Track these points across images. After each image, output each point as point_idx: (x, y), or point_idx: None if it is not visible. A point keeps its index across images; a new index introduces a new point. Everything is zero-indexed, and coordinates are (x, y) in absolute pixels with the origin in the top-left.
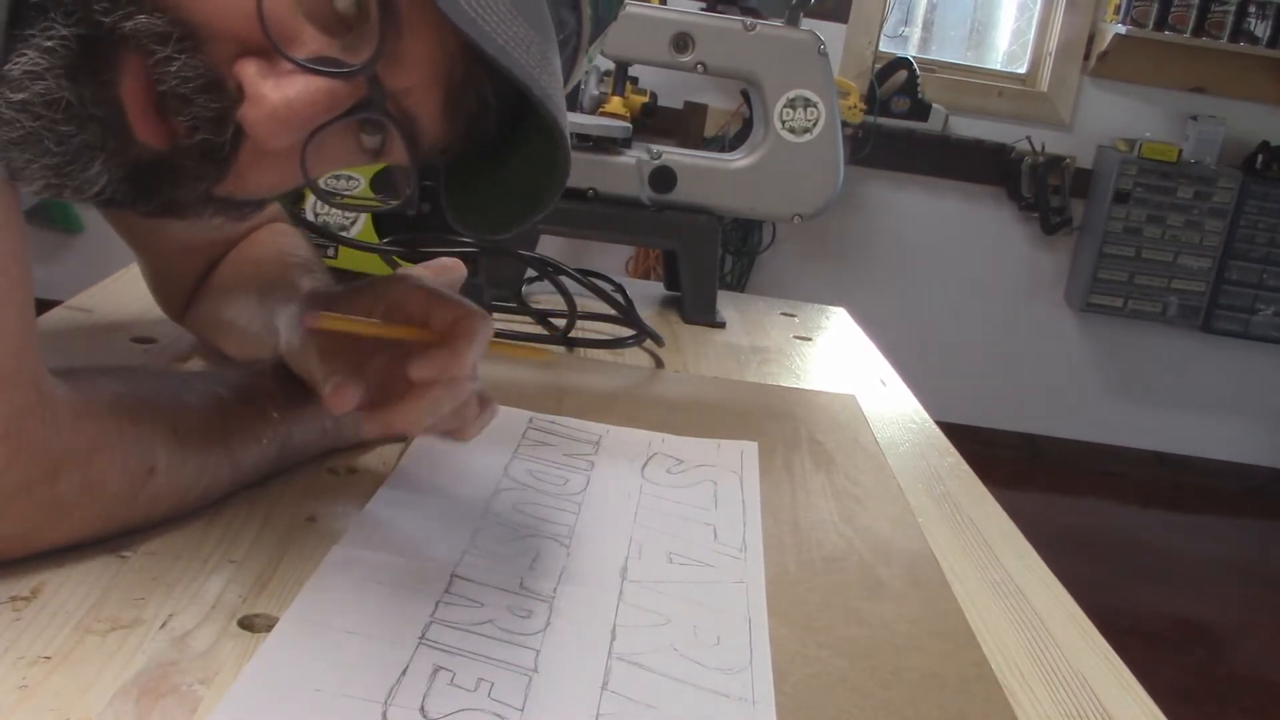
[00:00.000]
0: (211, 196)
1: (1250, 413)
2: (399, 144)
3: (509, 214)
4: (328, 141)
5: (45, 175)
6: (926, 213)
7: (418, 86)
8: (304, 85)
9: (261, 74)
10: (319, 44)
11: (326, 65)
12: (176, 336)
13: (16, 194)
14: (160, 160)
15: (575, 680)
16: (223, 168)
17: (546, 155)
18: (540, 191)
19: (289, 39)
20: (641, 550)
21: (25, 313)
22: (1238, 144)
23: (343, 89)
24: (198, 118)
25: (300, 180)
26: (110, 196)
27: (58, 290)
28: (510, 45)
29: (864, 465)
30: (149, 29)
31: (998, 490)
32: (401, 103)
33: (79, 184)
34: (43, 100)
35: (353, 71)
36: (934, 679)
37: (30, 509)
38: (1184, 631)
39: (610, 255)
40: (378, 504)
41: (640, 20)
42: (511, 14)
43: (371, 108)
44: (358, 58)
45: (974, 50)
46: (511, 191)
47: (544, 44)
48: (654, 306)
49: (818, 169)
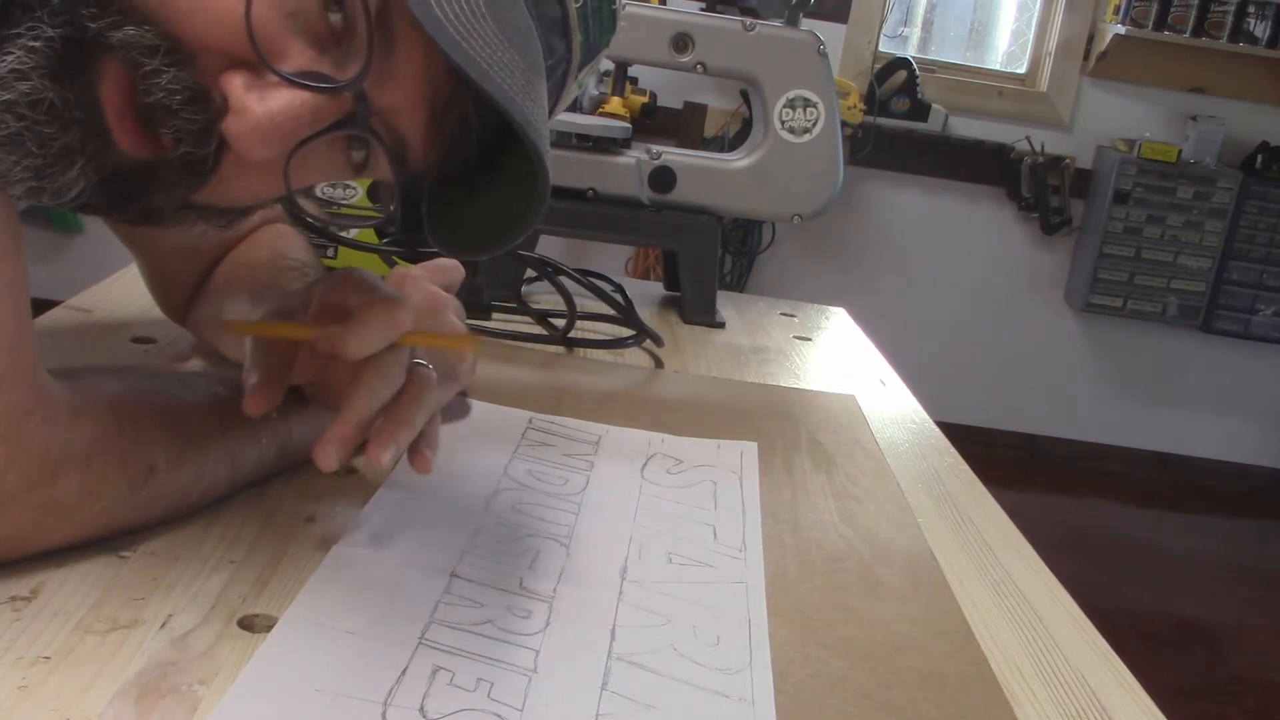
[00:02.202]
0: (191, 204)
1: (1250, 413)
2: (384, 160)
3: (488, 235)
4: (312, 154)
5: (27, 177)
6: (926, 213)
7: (403, 105)
8: (289, 99)
9: (247, 86)
10: (306, 58)
11: (313, 80)
12: (176, 336)
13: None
14: (140, 168)
15: (575, 680)
16: (204, 178)
17: (527, 180)
18: (519, 215)
19: (277, 53)
20: (641, 550)
21: (22, 312)
22: (1237, 144)
23: (328, 104)
24: (182, 130)
25: (283, 191)
26: (87, 201)
27: (57, 290)
28: (494, 70)
29: (864, 465)
30: (138, 41)
31: (998, 490)
32: (387, 120)
33: (58, 187)
34: (27, 101)
35: (338, 87)
36: (934, 679)
37: (29, 509)
38: (1184, 631)
39: (610, 255)
40: (378, 504)
41: (640, 20)
42: (498, 40)
43: (356, 124)
44: (345, 73)
45: (974, 50)
46: (492, 214)
47: (529, 70)
48: (654, 306)
49: (818, 169)
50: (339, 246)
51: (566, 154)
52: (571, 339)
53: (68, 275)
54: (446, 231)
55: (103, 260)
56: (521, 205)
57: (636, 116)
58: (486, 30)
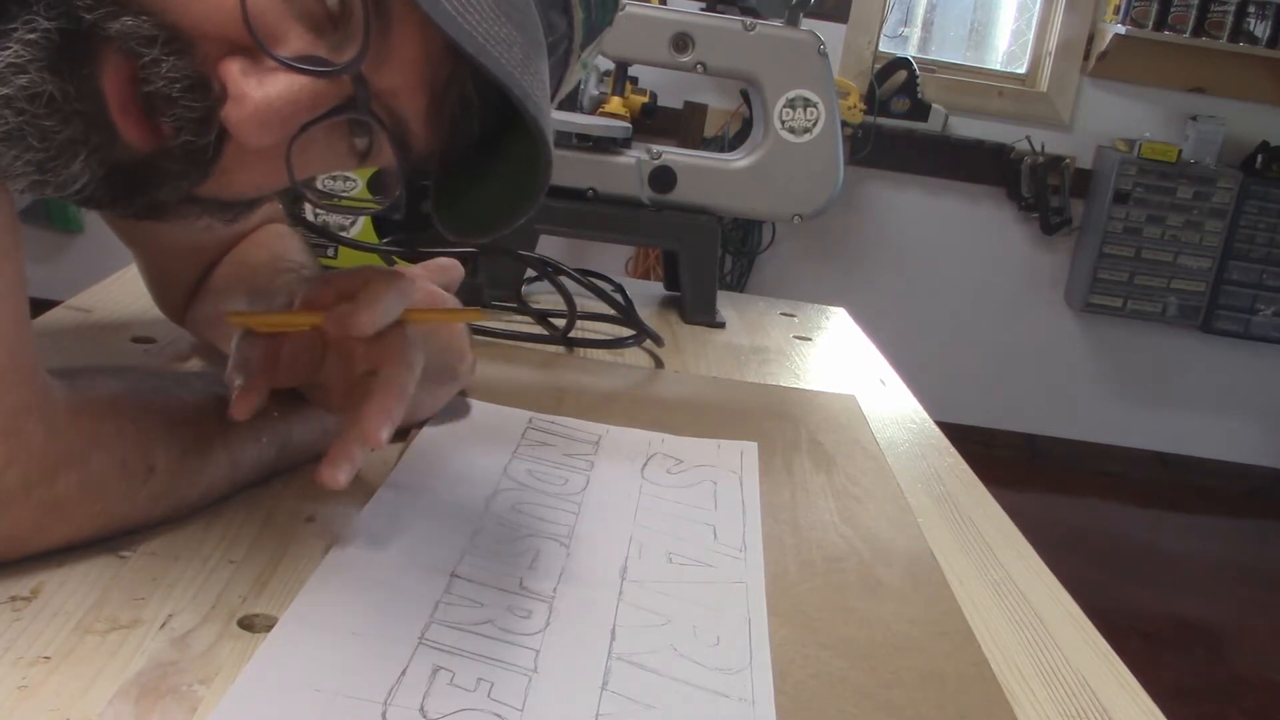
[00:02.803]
0: (195, 197)
1: (1250, 413)
2: (387, 145)
3: (494, 217)
4: (314, 142)
5: (29, 172)
6: (926, 213)
7: (404, 87)
8: (287, 83)
9: (245, 72)
10: (304, 43)
11: (310, 64)
12: (176, 336)
13: (9, 193)
14: (142, 161)
15: (575, 680)
16: (206, 169)
17: (529, 156)
18: (524, 193)
19: (274, 38)
20: (641, 550)
21: (21, 312)
22: (1237, 144)
23: (327, 88)
24: (182, 118)
25: (286, 182)
26: (91, 195)
27: (57, 290)
28: (491, 44)
29: (864, 465)
30: (136, 31)
31: (998, 490)
32: (388, 103)
33: (61, 180)
34: (26, 95)
35: (336, 70)
36: (934, 679)
37: (29, 509)
38: (1184, 631)
39: (610, 255)
40: (378, 504)
41: (640, 20)
42: (495, 14)
43: (356, 107)
44: (343, 57)
45: (974, 50)
46: (496, 195)
47: (528, 45)
48: (654, 306)
49: (818, 169)
50: (339, 246)
51: (567, 154)
52: (571, 339)
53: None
54: (453, 219)
55: (103, 260)
56: (526, 185)
57: (636, 116)
58: (483, 6)
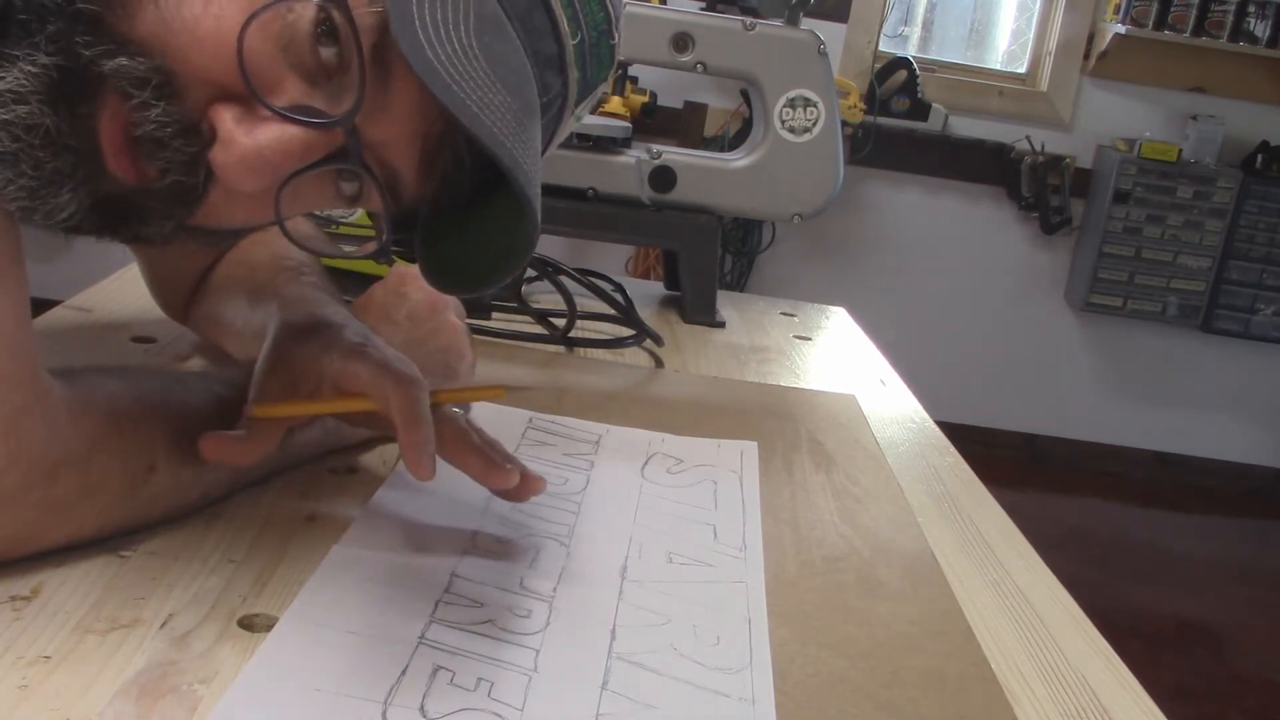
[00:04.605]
0: (184, 226)
1: (1250, 413)
2: (376, 193)
3: (480, 272)
4: (304, 185)
5: (21, 197)
6: (926, 213)
7: (397, 139)
8: (278, 133)
9: (236, 119)
10: (299, 92)
11: (304, 114)
12: (176, 336)
13: None
14: (130, 194)
15: (575, 680)
16: (193, 206)
17: (517, 217)
18: (508, 256)
19: (269, 87)
20: (641, 550)
21: (21, 312)
22: (1237, 144)
23: (318, 138)
24: (170, 161)
25: (273, 219)
26: (79, 224)
27: (58, 290)
28: (485, 113)
29: (864, 465)
30: (129, 72)
31: (998, 490)
32: (380, 154)
33: (50, 209)
34: (24, 124)
35: (330, 123)
36: (934, 679)
37: (29, 509)
38: (1184, 631)
39: (610, 255)
40: (378, 504)
41: (640, 20)
42: (490, 81)
43: (347, 158)
44: (338, 108)
45: (974, 50)
46: (481, 251)
47: (522, 111)
48: (654, 306)
49: (818, 169)
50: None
51: (567, 154)
52: (571, 339)
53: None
54: (439, 265)
55: (103, 260)
56: (511, 242)
57: (636, 116)
58: (479, 72)
